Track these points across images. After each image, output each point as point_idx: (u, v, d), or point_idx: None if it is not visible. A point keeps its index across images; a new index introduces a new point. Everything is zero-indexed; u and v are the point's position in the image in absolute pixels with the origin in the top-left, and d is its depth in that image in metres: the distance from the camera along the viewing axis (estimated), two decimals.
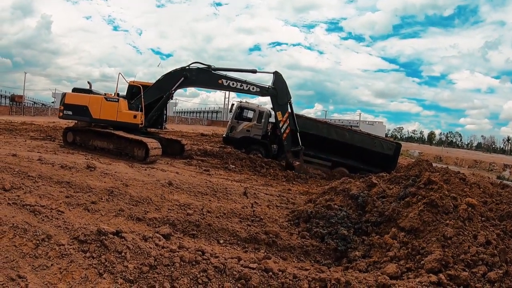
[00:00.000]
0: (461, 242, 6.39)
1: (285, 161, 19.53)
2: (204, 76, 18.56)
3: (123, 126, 17.18)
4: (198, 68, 18.50)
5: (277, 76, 19.09)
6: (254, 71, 19.05)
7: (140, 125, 17.25)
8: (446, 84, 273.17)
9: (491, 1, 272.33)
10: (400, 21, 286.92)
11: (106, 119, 17.28)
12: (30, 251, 5.58)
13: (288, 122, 18.98)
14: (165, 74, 18.43)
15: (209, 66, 18.55)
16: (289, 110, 19.09)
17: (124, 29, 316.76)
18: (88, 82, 19.21)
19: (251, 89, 18.80)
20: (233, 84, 18.61)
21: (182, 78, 18.05)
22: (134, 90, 18.19)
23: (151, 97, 18.02)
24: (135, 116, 17.19)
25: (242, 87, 18.72)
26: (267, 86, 18.87)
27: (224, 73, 18.73)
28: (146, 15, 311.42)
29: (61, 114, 17.79)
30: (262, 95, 19.62)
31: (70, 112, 17.53)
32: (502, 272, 5.67)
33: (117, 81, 18.25)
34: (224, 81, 18.46)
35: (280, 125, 19.02)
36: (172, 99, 20.17)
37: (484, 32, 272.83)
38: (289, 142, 19.08)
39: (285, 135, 19.03)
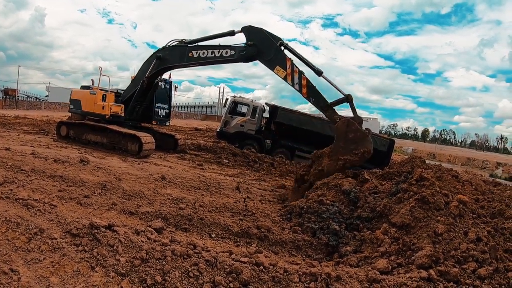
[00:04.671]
0: (452, 238, 6.42)
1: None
2: (176, 52, 16.66)
3: (96, 117, 17.66)
4: (172, 45, 16.91)
5: (247, 30, 14.95)
6: (231, 33, 15.60)
7: (106, 116, 17.24)
8: (442, 81, 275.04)
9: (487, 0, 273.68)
10: (396, 18, 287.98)
11: (88, 111, 17.96)
12: (22, 245, 5.58)
13: (297, 72, 13.58)
14: (144, 62, 17.77)
15: (182, 40, 16.72)
16: (289, 57, 13.94)
17: (119, 22, 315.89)
18: (92, 80, 19.29)
19: (223, 53, 15.45)
20: (203, 53, 15.84)
21: (155, 60, 16.91)
22: None
23: (132, 88, 17.94)
24: (103, 107, 17.34)
25: (213, 55, 15.68)
26: (243, 44, 14.93)
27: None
28: (142, 8, 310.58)
29: (69, 108, 19.71)
30: (244, 59, 15.48)
31: (72, 106, 18.90)
32: (492, 268, 5.71)
33: (99, 75, 18.04)
34: (194, 52, 16.01)
35: (289, 82, 13.72)
36: (158, 88, 18.69)
37: (480, 30, 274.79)
38: (317, 96, 13.38)
39: (304, 90, 13.51)
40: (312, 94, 13.44)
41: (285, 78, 13.84)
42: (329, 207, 8.70)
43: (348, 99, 12.80)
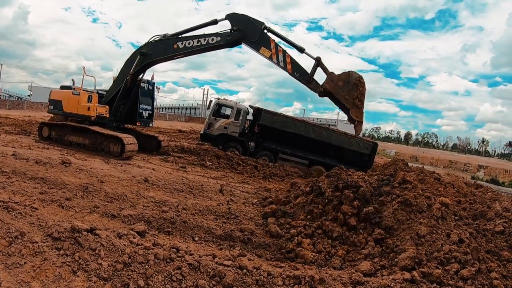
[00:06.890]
0: (435, 240, 6.49)
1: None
2: (160, 46, 16.98)
3: (80, 118, 17.31)
4: (155, 40, 17.20)
5: (231, 17, 16.13)
6: (214, 22, 16.39)
7: (92, 118, 16.96)
8: (424, 85, 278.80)
9: (471, 7, 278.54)
10: (380, 23, 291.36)
11: (70, 112, 17.54)
12: (3, 249, 5.48)
13: (281, 51, 15.44)
14: (126, 60, 17.77)
15: (164, 35, 17.09)
16: (272, 39, 15.72)
17: (104, 21, 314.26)
18: (72, 80, 19.03)
19: (210, 41, 16.16)
20: (189, 43, 16.36)
21: (139, 56, 17.00)
22: None
23: (115, 88, 17.81)
24: (88, 108, 17.05)
25: (199, 43, 16.27)
26: (229, 30, 16.01)
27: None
28: (127, 8, 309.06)
29: (48, 109, 19.19)
30: (230, 44, 16.45)
31: (52, 107, 18.42)
32: (474, 269, 5.79)
33: (82, 75, 17.77)
34: (179, 43, 16.48)
35: (274, 61, 15.58)
36: (139, 85, 18.29)
37: (463, 36, 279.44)
38: (301, 71, 15.63)
39: (289, 66, 15.39)
40: (296, 69, 15.46)
41: (270, 58, 15.54)
42: None
43: (317, 60, 15.34)
